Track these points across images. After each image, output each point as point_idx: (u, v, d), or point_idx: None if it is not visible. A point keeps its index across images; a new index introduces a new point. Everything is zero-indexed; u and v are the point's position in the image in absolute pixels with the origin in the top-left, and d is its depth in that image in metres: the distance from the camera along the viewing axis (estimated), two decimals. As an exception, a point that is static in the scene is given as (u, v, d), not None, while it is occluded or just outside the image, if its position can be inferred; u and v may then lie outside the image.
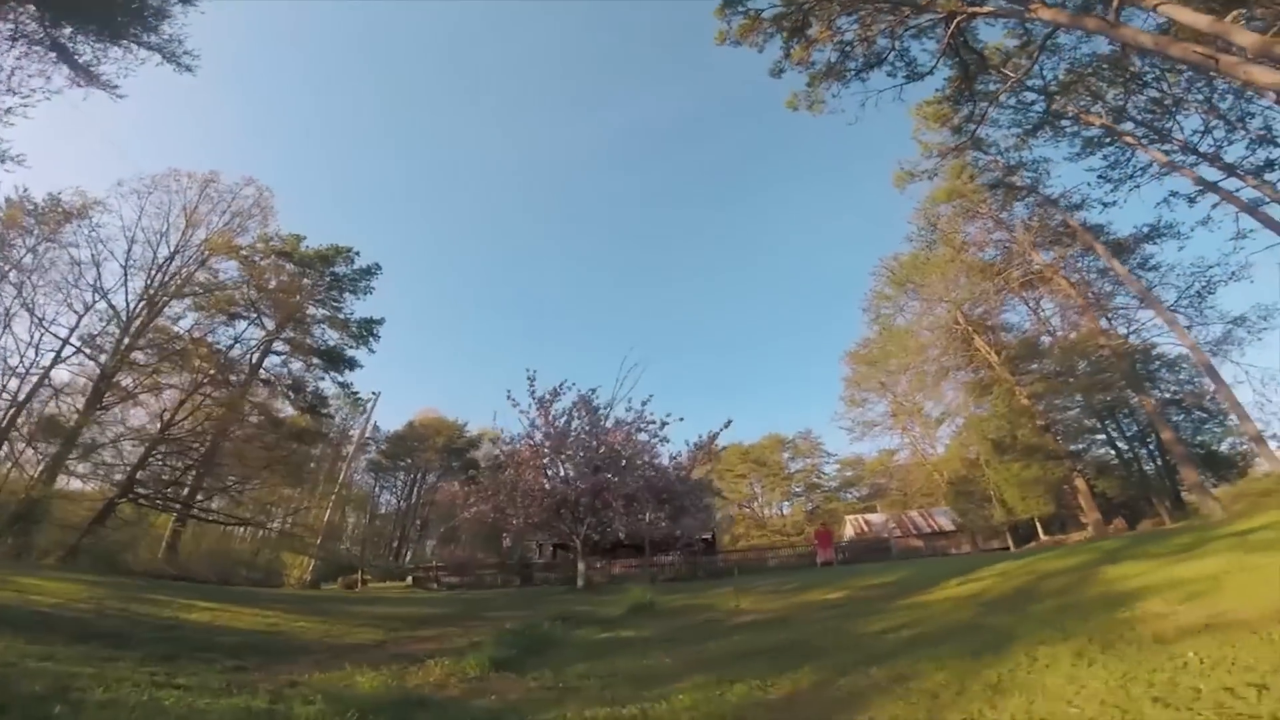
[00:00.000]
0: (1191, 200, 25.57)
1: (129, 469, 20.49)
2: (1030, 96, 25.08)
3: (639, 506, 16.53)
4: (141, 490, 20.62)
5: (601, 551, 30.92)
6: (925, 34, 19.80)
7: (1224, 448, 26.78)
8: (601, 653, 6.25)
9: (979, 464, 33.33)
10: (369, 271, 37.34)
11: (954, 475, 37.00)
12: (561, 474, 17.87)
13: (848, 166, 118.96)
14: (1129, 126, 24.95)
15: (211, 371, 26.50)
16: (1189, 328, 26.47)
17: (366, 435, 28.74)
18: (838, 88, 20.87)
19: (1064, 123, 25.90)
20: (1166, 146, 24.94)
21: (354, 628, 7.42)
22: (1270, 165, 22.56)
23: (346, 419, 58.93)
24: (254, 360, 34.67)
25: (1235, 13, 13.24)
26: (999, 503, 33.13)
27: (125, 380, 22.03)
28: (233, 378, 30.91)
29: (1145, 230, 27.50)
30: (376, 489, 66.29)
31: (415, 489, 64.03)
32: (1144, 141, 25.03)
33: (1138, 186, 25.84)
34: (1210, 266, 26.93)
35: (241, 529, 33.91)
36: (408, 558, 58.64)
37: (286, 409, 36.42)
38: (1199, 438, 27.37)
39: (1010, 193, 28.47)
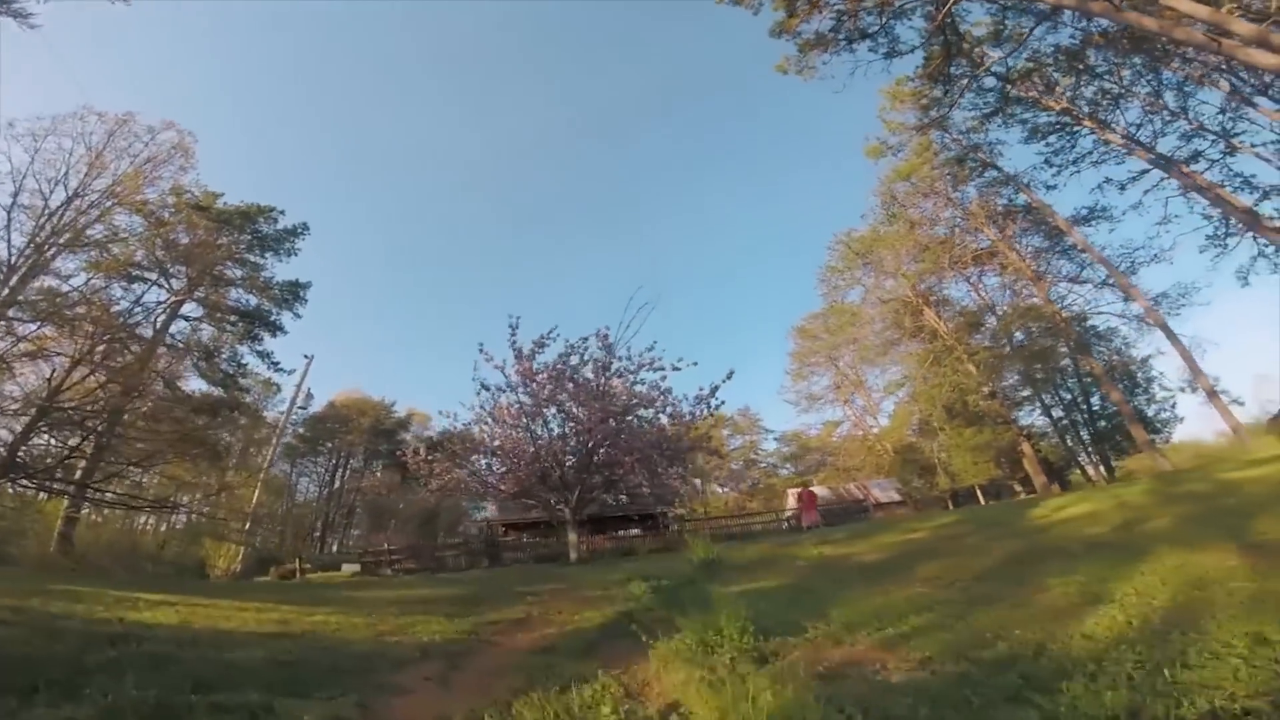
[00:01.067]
0: (1123, 187, 27.07)
1: (6, 445, 16.58)
2: (990, 82, 25.94)
3: (655, 465, 14.95)
4: (24, 471, 16.74)
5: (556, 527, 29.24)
6: (907, 15, 20.62)
7: (1153, 412, 28.61)
8: (797, 603, 4.93)
9: (925, 433, 34.24)
10: (294, 231, 33.44)
11: (898, 445, 37.97)
12: (546, 434, 15.98)
13: (784, 155, 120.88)
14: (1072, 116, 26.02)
15: (108, 336, 22.26)
16: (1129, 301, 28.05)
17: (299, 404, 25.16)
18: (829, 56, 21.19)
19: (1016, 108, 26.78)
20: (1107, 135, 26.11)
21: (396, 617, 5.39)
22: (1197, 156, 24.10)
23: (264, 398, 53.68)
24: (158, 325, 30.14)
25: (1230, 5, 13.75)
26: (943, 470, 34.26)
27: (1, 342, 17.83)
28: (134, 346, 26.54)
29: (1084, 212, 28.99)
30: (293, 475, 60.87)
31: (338, 474, 59.05)
32: (1088, 129, 26.11)
33: (1078, 172, 27.42)
34: (1137, 248, 28.70)
35: (147, 519, 29.39)
36: (333, 548, 54.13)
37: (198, 382, 32.13)
38: (1132, 402, 29.15)
39: (964, 171, 29.08)
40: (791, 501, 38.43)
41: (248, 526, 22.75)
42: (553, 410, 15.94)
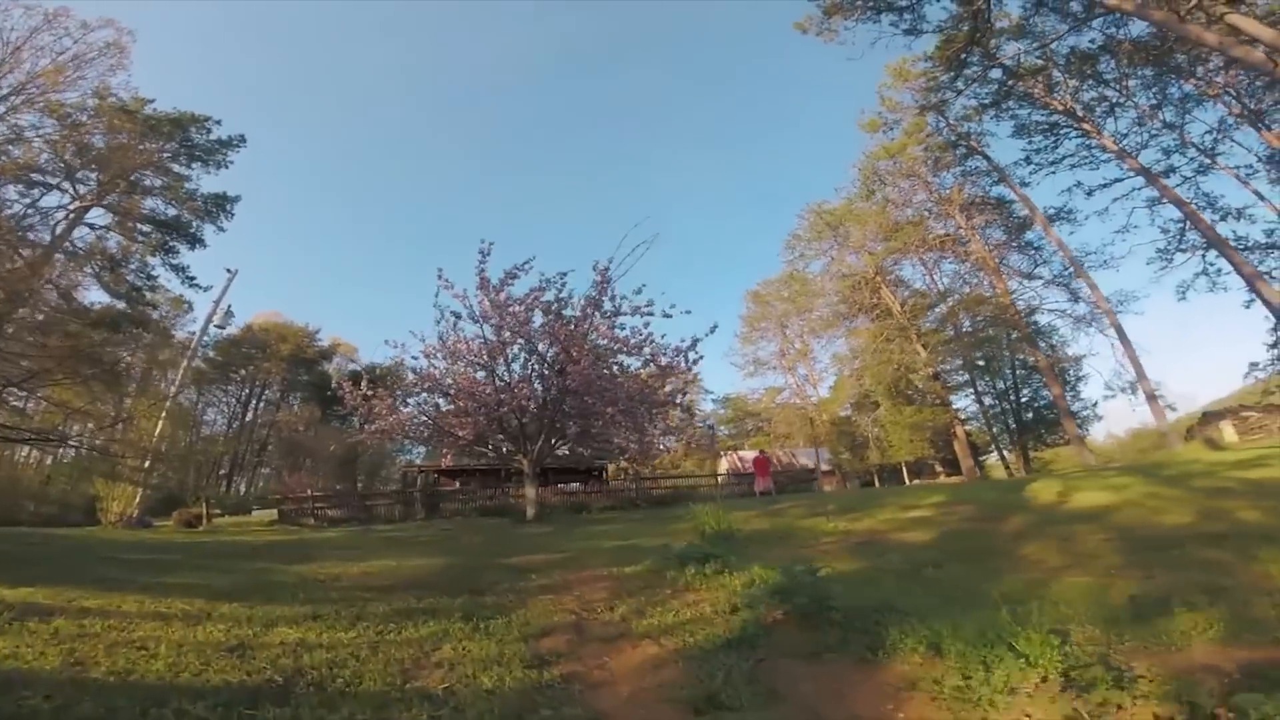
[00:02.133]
0: (1090, 192, 27.61)
1: None
2: (994, 74, 25.85)
3: (640, 418, 13.41)
4: None
5: (503, 478, 27.46)
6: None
7: (1077, 408, 29.94)
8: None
9: (861, 408, 34.68)
10: (228, 143, 29.29)
11: (835, 417, 38.42)
12: (509, 375, 14.06)
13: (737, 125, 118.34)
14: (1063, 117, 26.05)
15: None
16: (1076, 300, 28.89)
17: (217, 323, 21.71)
18: (852, 22, 20.93)
19: (1012, 104, 26.65)
20: (1103, 140, 26.32)
21: (400, 627, 3.59)
22: (1171, 171, 24.69)
23: (174, 315, 47.98)
24: (57, 231, 25.60)
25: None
26: (875, 446, 34.96)
27: None
28: (23, 251, 22.28)
29: (1051, 212, 29.41)
30: (200, 405, 55.12)
31: (252, 406, 53.89)
32: (1076, 132, 26.20)
33: (1054, 172, 27.86)
34: (1090, 252, 29.48)
35: (27, 452, 25.12)
36: (241, 488, 49.79)
37: (101, 296, 27.85)
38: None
39: (948, 157, 28.86)
40: (724, 465, 38.39)
41: (147, 464, 19.46)
42: (517, 348, 14.00)
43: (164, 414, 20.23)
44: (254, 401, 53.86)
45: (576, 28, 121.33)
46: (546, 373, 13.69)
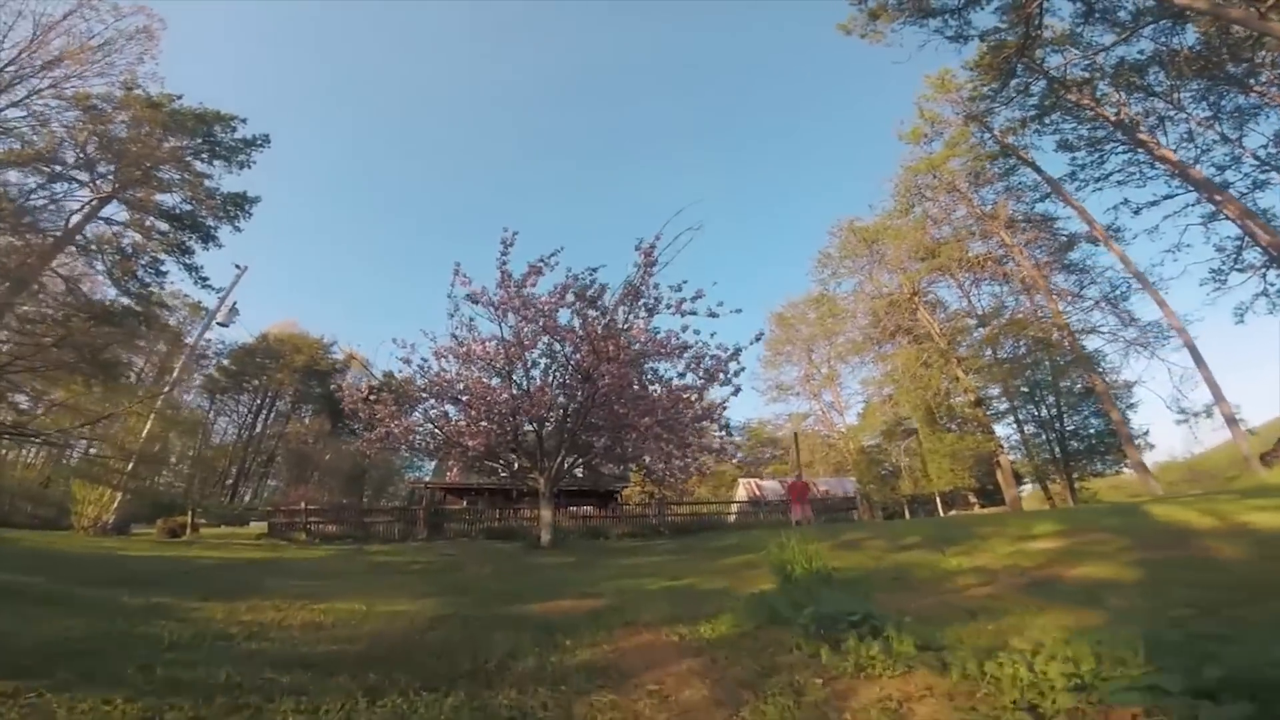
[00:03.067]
0: (1137, 210, 25.85)
1: None
2: (1036, 86, 24.66)
3: (685, 435, 11.40)
4: None
5: (513, 498, 25.37)
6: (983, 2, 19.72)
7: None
8: None
9: (891, 435, 32.27)
10: (252, 142, 28.30)
11: (861, 446, 35.99)
12: (527, 383, 12.14)
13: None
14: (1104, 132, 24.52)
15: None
16: (1130, 323, 26.66)
17: (221, 320, 20.09)
18: (899, 25, 20.32)
19: (1056, 116, 25.24)
20: (1162, 153, 24.69)
21: None
22: (1226, 186, 22.82)
23: (190, 321, 46.96)
24: (70, 223, 24.65)
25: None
26: (909, 474, 32.46)
27: None
28: (30, 237, 21.25)
29: (1085, 235, 27.41)
30: (212, 413, 53.75)
31: (262, 416, 52.38)
32: (1124, 146, 24.57)
33: (1100, 189, 26.22)
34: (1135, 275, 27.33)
35: (29, 451, 23.69)
36: (245, 498, 47.94)
37: (108, 291, 26.81)
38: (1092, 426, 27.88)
39: (989, 172, 27.14)
40: (742, 492, 35.92)
41: (130, 466, 17.69)
42: (538, 351, 12.13)
43: (152, 415, 18.41)
44: (265, 412, 52.41)
45: (592, 51, 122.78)
46: (569, 380, 11.75)
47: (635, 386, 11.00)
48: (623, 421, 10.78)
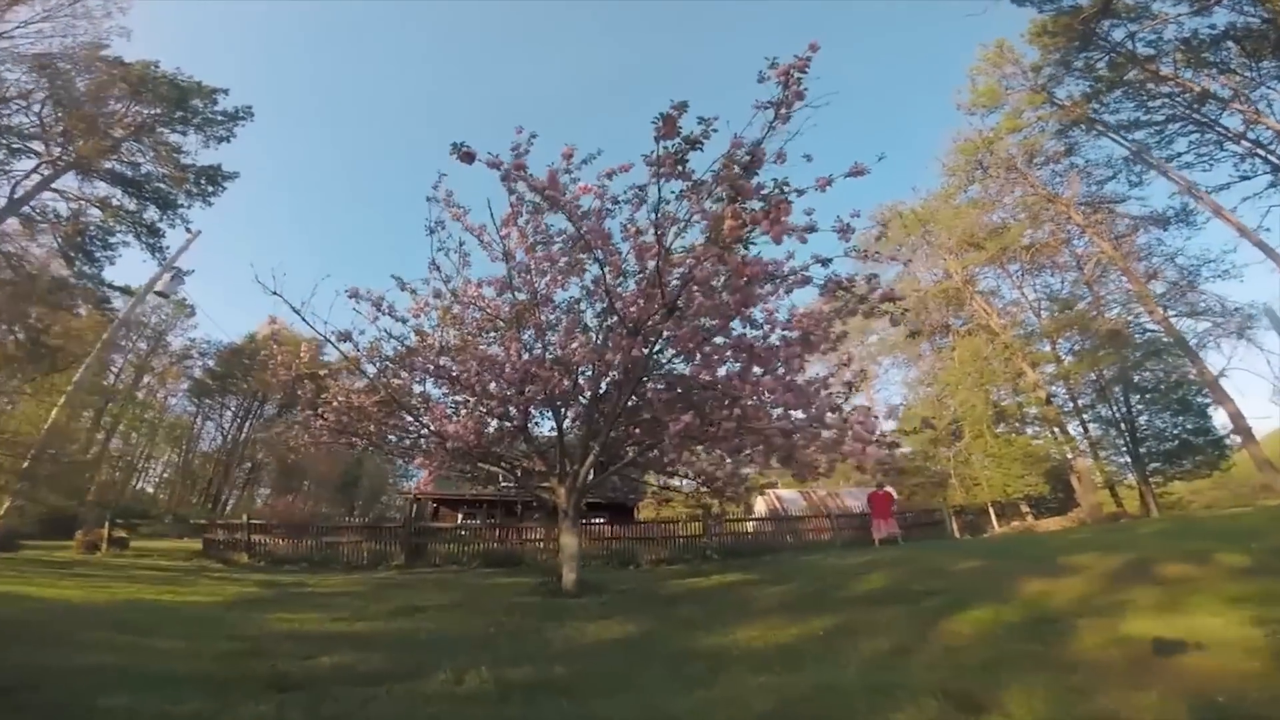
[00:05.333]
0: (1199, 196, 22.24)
1: None
2: (1100, 60, 21.43)
3: (817, 408, 6.77)
4: None
5: (519, 513, 20.95)
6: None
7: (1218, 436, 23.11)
8: None
9: (939, 439, 27.93)
10: (233, 115, 24.32)
11: (902, 453, 31.55)
12: (538, 350, 7.87)
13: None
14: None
15: None
16: (1202, 314, 22.70)
17: (160, 287, 15.73)
18: None
19: (1116, 94, 21.83)
20: (1206, 136, 21.37)
21: None
22: None
23: (174, 318, 42.85)
24: (14, 192, 20.82)
25: None
26: (960, 483, 28.10)
27: None
28: None
29: (1172, 213, 23.62)
30: (198, 418, 49.36)
31: (248, 421, 47.81)
32: (1189, 125, 21.15)
33: (1164, 173, 22.55)
34: (1210, 259, 23.48)
35: None
36: (228, 507, 43.33)
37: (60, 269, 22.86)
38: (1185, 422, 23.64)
39: (1057, 146, 23.45)
40: (761, 508, 31.38)
41: (26, 464, 13.35)
42: (576, 288, 7.90)
43: (58, 405, 14.07)
44: (251, 417, 47.89)
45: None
46: (618, 329, 7.31)
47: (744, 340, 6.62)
48: (730, 395, 6.28)
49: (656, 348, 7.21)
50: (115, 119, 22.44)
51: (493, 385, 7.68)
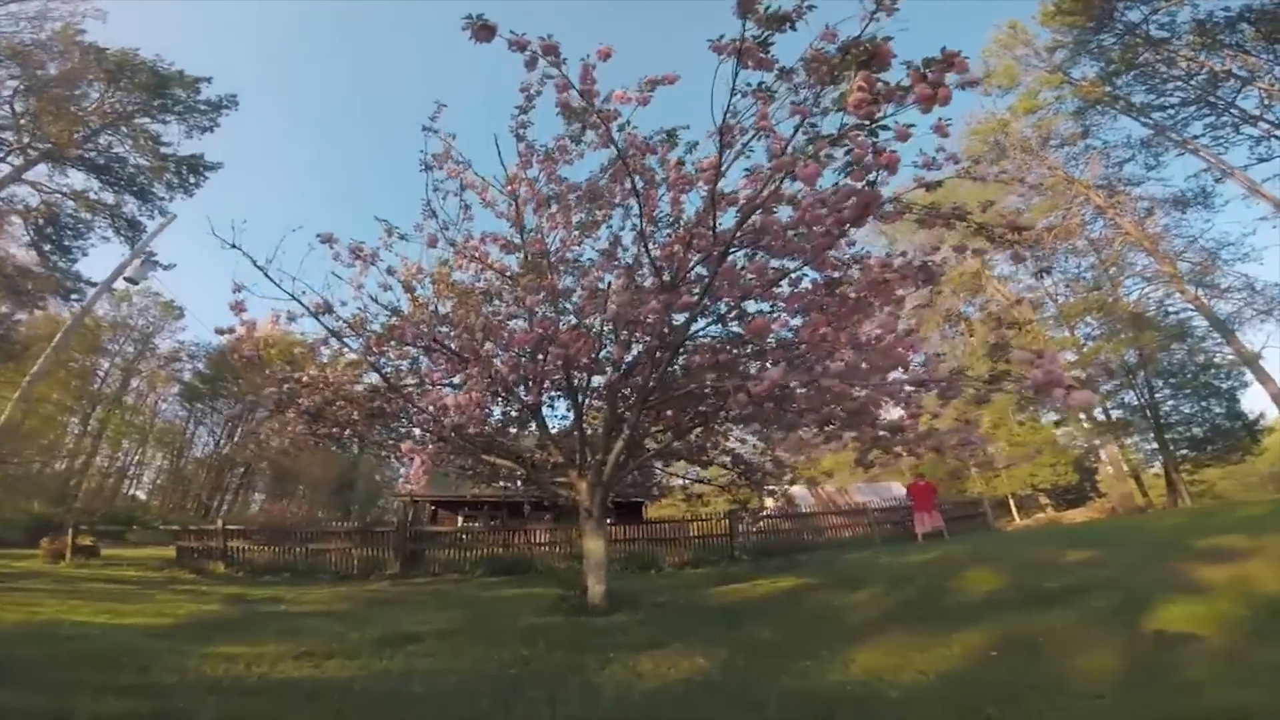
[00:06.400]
0: (1218, 178, 21.21)
1: None
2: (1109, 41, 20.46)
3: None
4: None
5: (526, 515, 19.45)
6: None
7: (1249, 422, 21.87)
8: None
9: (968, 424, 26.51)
10: (217, 104, 22.87)
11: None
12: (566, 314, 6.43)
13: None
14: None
15: None
16: (1231, 295, 21.50)
17: (129, 274, 14.01)
18: None
19: (1129, 77, 20.83)
20: (1222, 119, 20.54)
21: None
22: None
23: (162, 320, 41.25)
24: None
25: None
26: (979, 473, 26.83)
27: None
28: None
29: (1190, 195, 22.51)
30: (190, 423, 47.67)
31: (241, 426, 45.99)
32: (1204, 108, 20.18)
33: (1182, 154, 21.61)
34: (1226, 244, 22.34)
35: None
36: (221, 513, 41.58)
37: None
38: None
39: (1073, 127, 22.52)
40: (768, 502, 30.02)
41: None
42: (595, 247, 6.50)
43: (24, 388, 12.48)
44: (244, 421, 46.09)
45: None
46: (657, 284, 5.86)
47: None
48: (807, 355, 4.79)
49: (703, 302, 5.81)
50: (92, 108, 21.06)
51: (499, 360, 6.19)
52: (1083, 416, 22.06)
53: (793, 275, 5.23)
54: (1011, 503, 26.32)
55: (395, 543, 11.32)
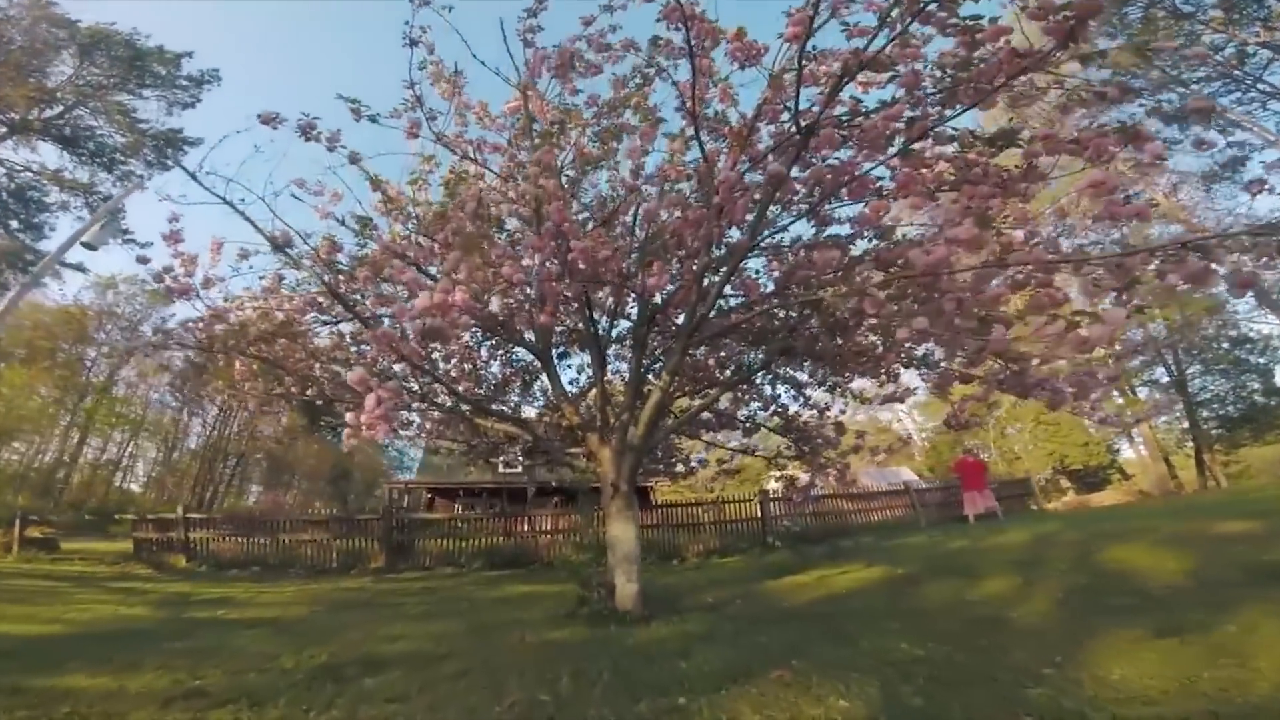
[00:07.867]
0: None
1: None
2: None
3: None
4: None
5: (528, 499, 17.91)
6: None
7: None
8: None
9: (985, 403, 25.11)
10: (198, 80, 21.07)
11: (927, 427, 28.89)
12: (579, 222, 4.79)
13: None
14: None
15: None
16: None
17: (86, 239, 12.17)
18: None
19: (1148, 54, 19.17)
20: (1249, 94, 18.90)
21: None
22: None
23: (147, 309, 39.47)
24: None
25: None
26: (1002, 455, 25.37)
27: None
28: None
29: (1217, 170, 21.03)
30: (183, 413, 45.88)
31: (236, 416, 44.18)
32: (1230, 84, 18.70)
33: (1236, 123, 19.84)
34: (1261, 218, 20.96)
35: None
36: (214, 506, 39.96)
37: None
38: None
39: (1090, 100, 20.74)
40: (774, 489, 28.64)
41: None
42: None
43: None
44: (239, 411, 44.26)
45: None
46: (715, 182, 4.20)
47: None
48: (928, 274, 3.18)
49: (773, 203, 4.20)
50: (65, 81, 19.33)
51: (506, 268, 4.43)
52: (1115, 394, 20.57)
53: (935, 131, 3.49)
54: (1036, 486, 24.92)
55: (380, 532, 9.69)
